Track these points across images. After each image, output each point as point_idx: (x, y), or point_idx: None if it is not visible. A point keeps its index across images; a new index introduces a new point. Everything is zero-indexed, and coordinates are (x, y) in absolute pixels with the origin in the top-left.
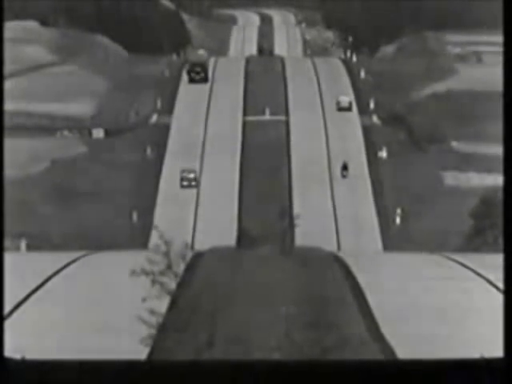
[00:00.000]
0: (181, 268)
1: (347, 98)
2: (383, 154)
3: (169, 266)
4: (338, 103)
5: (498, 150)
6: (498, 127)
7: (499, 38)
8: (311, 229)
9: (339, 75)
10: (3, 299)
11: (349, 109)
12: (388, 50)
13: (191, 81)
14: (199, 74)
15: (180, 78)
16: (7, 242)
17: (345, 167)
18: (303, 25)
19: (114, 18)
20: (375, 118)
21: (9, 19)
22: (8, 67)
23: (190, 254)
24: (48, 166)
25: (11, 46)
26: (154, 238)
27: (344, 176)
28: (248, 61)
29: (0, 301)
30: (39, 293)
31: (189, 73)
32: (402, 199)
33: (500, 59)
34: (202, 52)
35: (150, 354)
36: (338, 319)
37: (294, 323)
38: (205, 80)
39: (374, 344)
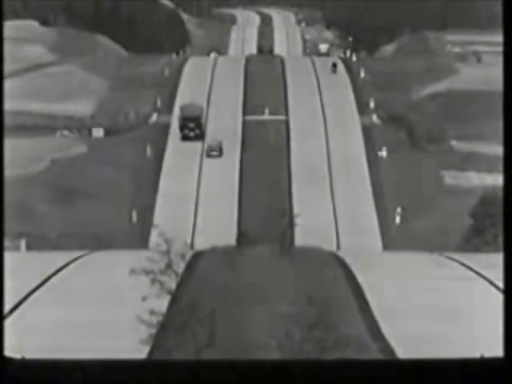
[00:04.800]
0: (181, 267)
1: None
2: (383, 153)
3: (169, 265)
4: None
5: (497, 149)
6: (497, 127)
7: (499, 38)
8: (311, 228)
9: (339, 74)
10: (3, 299)
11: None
12: (388, 49)
13: (184, 138)
14: (194, 131)
15: (180, 77)
16: (7, 242)
17: (334, 65)
18: (303, 24)
19: (114, 18)
20: (375, 118)
21: (9, 18)
22: (8, 67)
23: (189, 254)
24: (48, 166)
25: (11, 45)
26: (154, 238)
27: (334, 72)
28: (248, 60)
29: (0, 301)
30: (39, 292)
31: (181, 129)
32: (401, 198)
33: (499, 59)
34: (196, 105)
35: (150, 353)
36: (338, 319)
37: (293, 323)
38: (200, 137)
39: (373, 344)
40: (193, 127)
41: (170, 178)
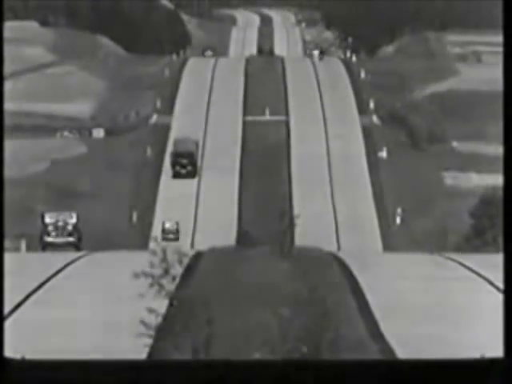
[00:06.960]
0: (178, 271)
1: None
2: (383, 154)
3: (166, 271)
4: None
5: (498, 149)
6: (498, 127)
7: (499, 38)
8: (311, 228)
9: (339, 75)
10: (3, 299)
11: (320, 59)
12: (388, 49)
13: (176, 175)
14: (185, 168)
15: (180, 78)
16: (7, 242)
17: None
18: (303, 25)
19: (114, 18)
20: (375, 118)
21: (9, 19)
22: (8, 67)
23: (189, 255)
24: (48, 166)
25: (11, 46)
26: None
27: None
28: (248, 61)
29: (0, 301)
30: (39, 293)
31: (173, 165)
32: (402, 199)
33: (500, 59)
34: (190, 139)
35: (150, 353)
36: (338, 319)
37: (293, 323)
38: (192, 175)
39: (373, 344)
40: (185, 164)
41: (169, 180)
